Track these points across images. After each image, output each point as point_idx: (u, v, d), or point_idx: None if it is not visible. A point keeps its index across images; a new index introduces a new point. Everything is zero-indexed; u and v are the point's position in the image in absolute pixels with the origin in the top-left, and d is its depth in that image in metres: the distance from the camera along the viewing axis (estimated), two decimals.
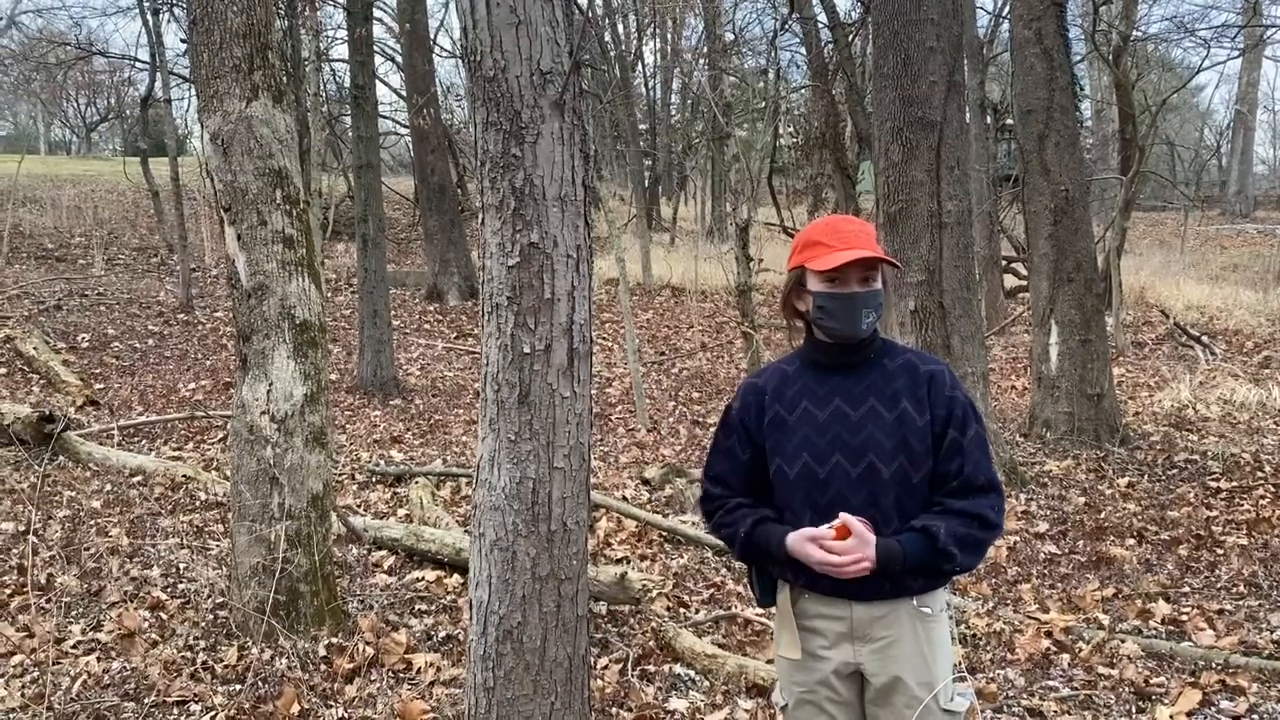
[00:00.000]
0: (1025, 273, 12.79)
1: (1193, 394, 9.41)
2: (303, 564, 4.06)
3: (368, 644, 4.00)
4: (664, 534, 5.75)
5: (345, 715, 3.50)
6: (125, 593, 4.59)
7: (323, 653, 3.95)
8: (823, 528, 2.05)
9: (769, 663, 3.79)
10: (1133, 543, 5.51)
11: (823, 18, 14.24)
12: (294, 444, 4.04)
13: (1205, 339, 12.26)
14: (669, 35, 26.81)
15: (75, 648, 4.00)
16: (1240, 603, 4.64)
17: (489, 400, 2.39)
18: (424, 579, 4.91)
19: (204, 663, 3.85)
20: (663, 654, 4.06)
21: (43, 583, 4.68)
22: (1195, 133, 35.07)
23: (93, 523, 5.65)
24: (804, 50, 16.40)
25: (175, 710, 3.52)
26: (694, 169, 26.80)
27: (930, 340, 6.07)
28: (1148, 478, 6.88)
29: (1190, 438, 7.93)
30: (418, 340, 12.84)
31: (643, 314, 14.36)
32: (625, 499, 6.50)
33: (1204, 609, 4.55)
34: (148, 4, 15.40)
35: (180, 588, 4.71)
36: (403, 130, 22.25)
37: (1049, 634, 4.22)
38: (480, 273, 2.40)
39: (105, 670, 3.81)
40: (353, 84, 10.98)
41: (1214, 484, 6.60)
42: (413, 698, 3.62)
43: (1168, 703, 3.63)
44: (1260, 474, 6.80)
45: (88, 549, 5.19)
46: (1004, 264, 15.06)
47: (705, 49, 22.07)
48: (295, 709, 3.49)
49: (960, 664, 3.87)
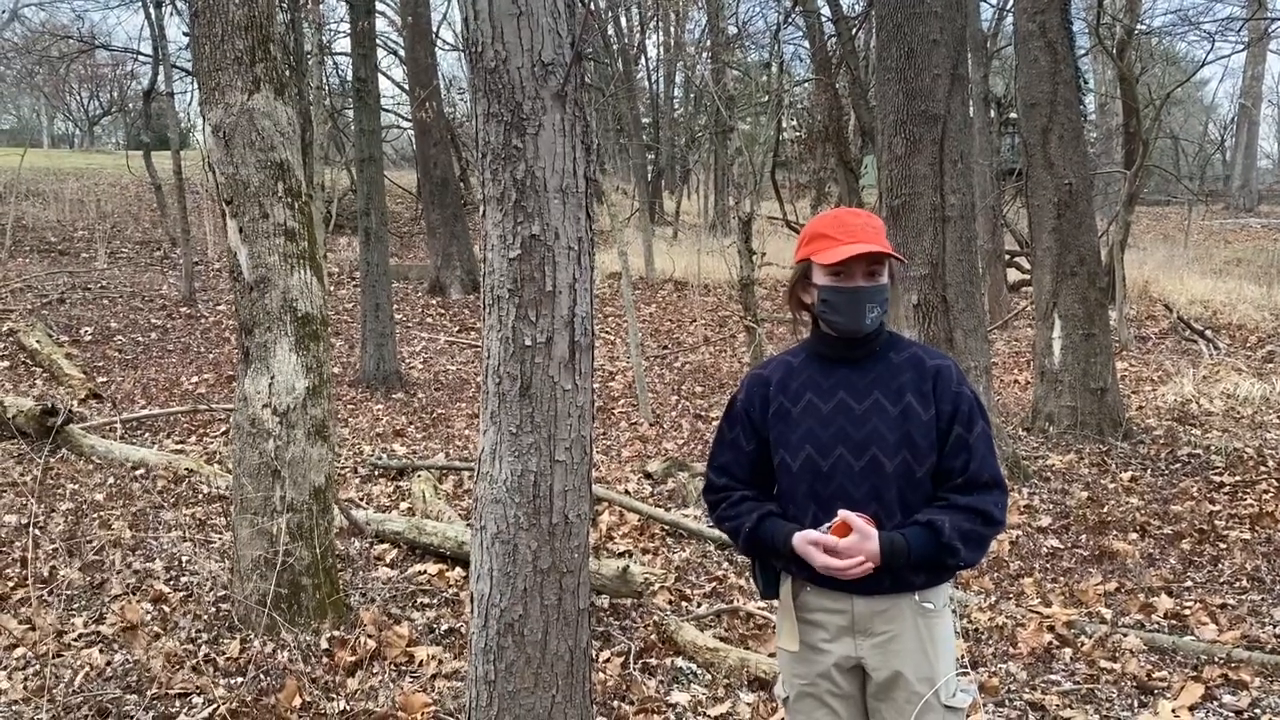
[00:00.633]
0: (1028, 267, 12.80)
1: (1196, 388, 9.38)
2: (305, 557, 4.07)
3: (370, 637, 4.01)
4: (666, 528, 5.76)
5: (347, 708, 3.50)
6: (127, 585, 4.60)
7: (324, 646, 3.95)
8: (823, 528, 2.05)
9: (771, 656, 3.79)
10: (1135, 537, 5.51)
11: (826, 11, 14.18)
12: (296, 437, 4.03)
13: (1209, 333, 12.23)
14: (672, 28, 26.78)
15: (77, 640, 4.00)
16: (1243, 597, 4.64)
17: (490, 393, 2.38)
18: (426, 572, 4.92)
19: (206, 655, 3.85)
20: (665, 647, 4.07)
21: (45, 575, 4.69)
22: (1199, 127, 35.02)
23: (95, 516, 5.65)
24: (807, 43, 16.33)
25: (177, 703, 3.52)
26: (697, 163, 26.80)
27: (933, 334, 6.06)
28: (1150, 472, 6.87)
29: (1193, 432, 7.92)
30: (420, 334, 12.84)
31: (645, 308, 14.35)
32: (628, 492, 6.51)
33: (1206, 603, 4.54)
34: None
35: (182, 581, 4.72)
36: (405, 124, 22.27)
37: (1051, 628, 4.22)
38: (482, 265, 2.39)
39: (107, 663, 3.81)
40: (355, 77, 10.99)
41: (1217, 478, 6.59)
42: (414, 690, 3.62)
43: (1170, 697, 3.63)
44: (1263, 468, 6.78)
45: (90, 542, 5.19)
46: (1007, 258, 15.03)
47: (708, 42, 22.03)
48: (297, 701, 3.49)
49: (963, 658, 3.87)
